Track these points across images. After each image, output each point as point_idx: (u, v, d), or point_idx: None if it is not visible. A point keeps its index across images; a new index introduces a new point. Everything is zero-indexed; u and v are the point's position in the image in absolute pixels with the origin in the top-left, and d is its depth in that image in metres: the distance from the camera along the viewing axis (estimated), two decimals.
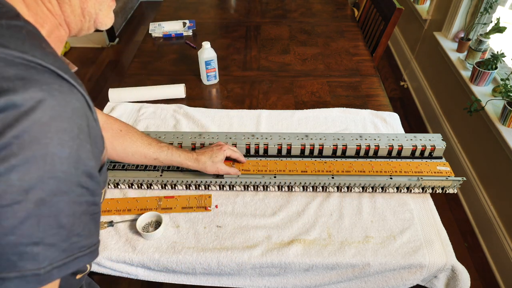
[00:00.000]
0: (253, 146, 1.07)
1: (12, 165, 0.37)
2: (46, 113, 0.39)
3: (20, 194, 0.38)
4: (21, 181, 0.38)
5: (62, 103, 0.41)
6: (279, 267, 0.90)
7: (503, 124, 1.65)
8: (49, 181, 0.39)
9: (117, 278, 0.94)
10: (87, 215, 0.45)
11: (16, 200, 0.38)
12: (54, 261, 0.42)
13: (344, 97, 1.41)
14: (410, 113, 2.62)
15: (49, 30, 0.50)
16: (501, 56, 1.75)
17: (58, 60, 0.45)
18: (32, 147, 0.38)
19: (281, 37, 1.80)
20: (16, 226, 0.38)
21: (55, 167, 0.40)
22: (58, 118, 0.40)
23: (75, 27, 0.53)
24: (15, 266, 0.39)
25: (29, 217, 0.39)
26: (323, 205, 1.00)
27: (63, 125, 0.40)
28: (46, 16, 0.49)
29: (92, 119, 0.45)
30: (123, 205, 0.99)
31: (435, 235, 0.93)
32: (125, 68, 3.02)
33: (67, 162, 0.41)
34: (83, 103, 0.44)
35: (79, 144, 0.42)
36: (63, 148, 0.40)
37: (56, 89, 0.41)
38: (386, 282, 0.92)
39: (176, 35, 1.80)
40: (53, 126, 0.39)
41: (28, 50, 0.42)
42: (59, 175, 0.40)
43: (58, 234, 0.42)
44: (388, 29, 1.77)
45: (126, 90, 1.39)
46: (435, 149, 1.07)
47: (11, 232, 0.38)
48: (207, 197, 1.01)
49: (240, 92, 1.44)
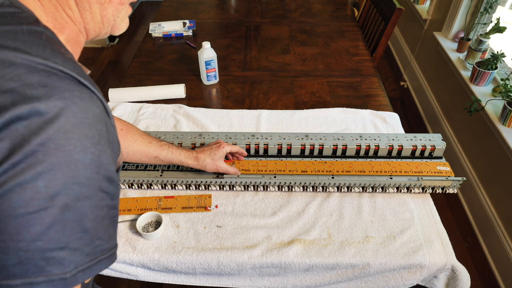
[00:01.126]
0: (253, 146, 1.07)
1: (38, 172, 0.38)
2: (69, 121, 0.39)
3: (47, 200, 0.39)
4: (47, 188, 0.38)
5: (84, 109, 0.41)
6: (279, 267, 0.90)
7: (503, 124, 1.65)
8: (73, 186, 0.40)
9: (116, 279, 0.94)
10: (108, 218, 0.46)
11: (43, 207, 0.38)
12: (79, 265, 0.43)
13: (344, 97, 1.41)
14: (410, 113, 2.62)
15: (68, 35, 0.50)
16: (501, 56, 1.75)
17: (77, 66, 0.45)
18: (57, 154, 0.38)
19: (281, 37, 1.80)
20: (44, 232, 0.39)
21: (79, 173, 0.40)
22: (81, 125, 0.41)
23: (93, 33, 0.54)
24: (42, 270, 0.40)
25: (55, 222, 0.40)
26: (323, 205, 1.00)
27: (85, 131, 0.41)
28: (66, 22, 0.49)
29: (110, 125, 0.46)
30: (123, 205, 0.99)
31: (435, 235, 0.93)
32: (125, 68, 3.02)
33: (89, 167, 0.41)
34: (102, 109, 0.44)
35: (100, 149, 0.43)
36: (86, 154, 0.41)
37: (78, 96, 0.41)
38: (386, 282, 0.92)
39: (176, 35, 1.80)
40: (76, 133, 0.40)
41: (50, 57, 0.42)
42: (82, 181, 0.41)
43: (82, 238, 0.43)
44: (388, 29, 1.77)
45: (126, 90, 1.39)
46: (435, 149, 1.07)
47: (38, 238, 0.39)
48: (207, 197, 1.01)
49: (240, 92, 1.44)
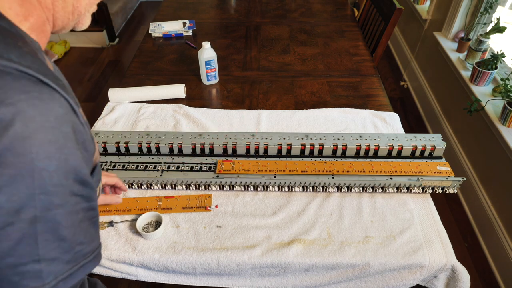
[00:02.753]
0: (253, 146, 1.07)
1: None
2: (27, 126, 0.36)
3: (11, 215, 0.36)
4: (10, 202, 0.36)
5: (44, 112, 0.38)
6: (279, 267, 0.90)
7: (503, 124, 1.65)
8: (40, 197, 0.38)
9: (116, 279, 0.94)
10: (86, 221, 0.44)
11: (8, 222, 0.36)
12: (59, 274, 0.41)
13: (344, 97, 1.41)
14: (410, 113, 2.61)
15: (34, 23, 0.46)
16: (501, 56, 1.75)
17: (37, 61, 0.41)
18: (16, 164, 0.35)
19: (281, 37, 1.80)
20: (12, 247, 0.37)
21: (45, 182, 0.38)
22: (41, 130, 0.37)
23: (60, 23, 0.50)
24: (17, 285, 0.38)
25: (25, 236, 0.37)
26: (323, 205, 1.00)
27: (47, 136, 0.38)
28: (34, 7, 0.46)
29: (79, 123, 0.43)
30: (123, 205, 0.99)
31: (435, 235, 0.93)
32: (125, 68, 3.02)
33: (56, 174, 0.39)
34: (67, 108, 0.41)
35: (67, 153, 0.40)
36: (51, 161, 0.38)
37: (36, 97, 0.38)
38: (386, 282, 0.92)
39: (176, 35, 1.80)
40: (37, 139, 0.37)
41: (3, 52, 0.38)
42: (50, 189, 0.38)
43: (59, 247, 0.41)
44: (388, 29, 1.77)
45: (126, 90, 1.39)
46: (435, 149, 1.07)
47: (8, 254, 0.37)
48: (207, 197, 1.01)
49: (240, 92, 1.44)
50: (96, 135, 1.10)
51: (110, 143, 1.08)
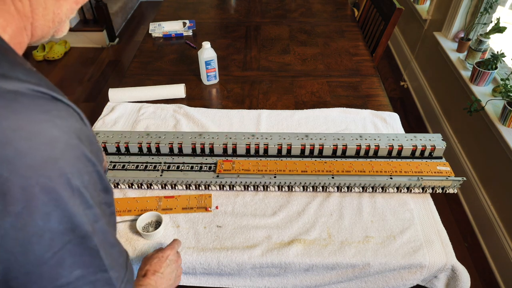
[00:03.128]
0: (253, 146, 1.07)
1: (45, 213, 0.36)
2: (55, 147, 0.36)
3: (67, 234, 0.37)
4: (61, 224, 0.37)
5: (66, 129, 0.37)
6: (279, 267, 0.90)
7: (503, 124, 1.65)
8: (86, 212, 0.39)
9: None
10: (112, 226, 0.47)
11: (66, 241, 0.38)
12: (123, 278, 0.45)
13: (344, 97, 1.41)
14: (410, 113, 2.61)
15: (11, 34, 0.42)
16: (501, 56, 1.75)
17: (41, 77, 0.40)
18: (55, 187, 0.36)
19: (281, 37, 1.80)
20: (77, 261, 0.39)
21: (85, 197, 0.39)
22: (68, 148, 0.37)
23: (39, 33, 0.46)
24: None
25: (86, 250, 0.40)
26: (323, 205, 1.00)
27: (75, 153, 0.38)
28: (12, 17, 0.42)
29: (92, 135, 0.43)
30: (123, 205, 0.99)
31: (435, 235, 0.93)
32: (125, 68, 3.02)
33: (90, 187, 0.40)
34: (80, 122, 0.41)
35: (92, 165, 0.41)
36: (83, 177, 0.39)
37: (56, 115, 0.37)
38: (386, 282, 0.92)
39: (176, 35, 1.80)
40: (67, 158, 0.37)
41: (8, 71, 0.36)
42: (90, 203, 0.40)
43: (115, 252, 0.44)
44: (388, 29, 1.77)
45: (126, 90, 1.39)
46: (435, 149, 1.07)
47: (76, 266, 0.39)
48: (207, 197, 1.01)
49: (240, 92, 1.44)
50: (96, 135, 1.10)
51: (110, 143, 1.08)
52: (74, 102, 0.42)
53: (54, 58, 3.09)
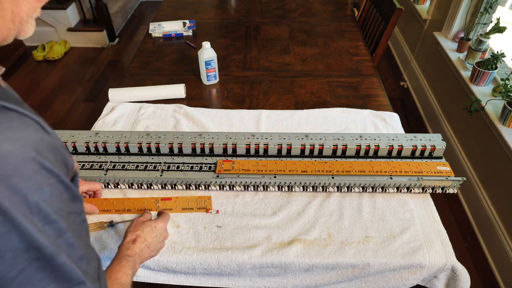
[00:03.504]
0: (253, 146, 1.07)
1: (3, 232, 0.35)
2: (8, 163, 0.34)
3: (30, 252, 0.37)
4: (22, 242, 0.37)
5: (20, 142, 0.35)
6: (279, 267, 0.90)
7: (503, 124, 1.65)
8: (46, 228, 0.38)
9: None
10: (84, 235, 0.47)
11: (32, 258, 0.37)
12: None
13: (344, 97, 1.41)
14: (410, 113, 2.61)
15: None
16: (501, 56, 1.75)
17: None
18: (11, 206, 0.34)
19: (281, 37, 1.80)
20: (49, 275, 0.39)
21: (46, 212, 0.38)
22: (24, 162, 0.35)
23: (0, 36, 0.43)
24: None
25: (57, 264, 0.39)
26: (323, 205, 1.00)
27: (32, 167, 0.36)
28: None
29: (54, 142, 0.41)
30: (123, 205, 0.98)
31: (435, 235, 0.93)
32: (125, 68, 3.02)
33: (52, 200, 0.39)
34: (40, 131, 0.39)
35: (55, 176, 0.39)
36: (43, 190, 0.37)
37: (7, 127, 0.35)
38: (386, 282, 0.92)
39: (176, 35, 1.80)
40: (22, 174, 0.35)
41: None
42: (53, 218, 0.39)
43: (84, 264, 0.44)
44: (388, 29, 1.77)
45: (126, 90, 1.39)
46: (435, 149, 1.07)
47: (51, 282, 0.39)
48: (207, 198, 1.00)
49: (240, 92, 1.44)
50: (96, 135, 1.10)
51: (110, 143, 1.08)
52: (74, 102, 0.41)
53: (54, 58, 3.09)
